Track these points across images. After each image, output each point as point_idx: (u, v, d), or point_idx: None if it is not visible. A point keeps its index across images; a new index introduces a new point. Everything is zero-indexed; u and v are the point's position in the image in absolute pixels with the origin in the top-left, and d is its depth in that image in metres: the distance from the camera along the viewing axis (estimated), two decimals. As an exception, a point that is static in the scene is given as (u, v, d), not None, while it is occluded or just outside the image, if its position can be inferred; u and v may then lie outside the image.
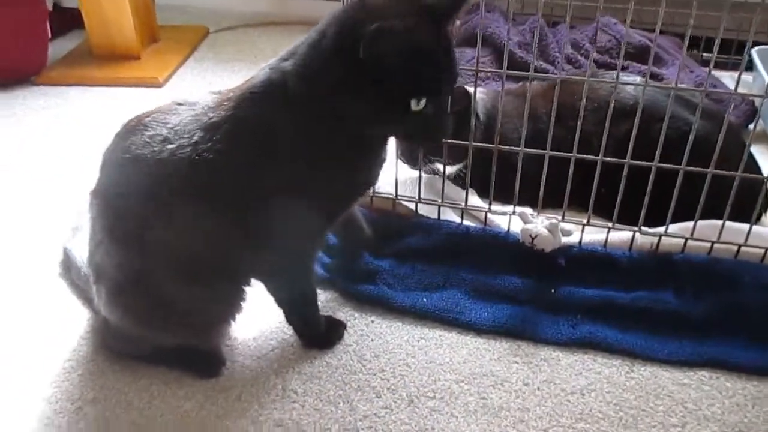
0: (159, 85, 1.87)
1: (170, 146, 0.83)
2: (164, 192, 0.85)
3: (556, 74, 1.53)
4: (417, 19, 0.78)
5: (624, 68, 1.56)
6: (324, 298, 1.14)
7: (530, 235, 1.10)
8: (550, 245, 1.10)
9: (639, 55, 1.61)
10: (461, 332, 1.07)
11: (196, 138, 0.83)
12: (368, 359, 1.02)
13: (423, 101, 0.80)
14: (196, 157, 0.82)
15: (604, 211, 1.17)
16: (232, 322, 1.02)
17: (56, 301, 1.13)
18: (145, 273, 0.90)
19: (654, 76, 1.55)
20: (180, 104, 0.89)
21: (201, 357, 1.00)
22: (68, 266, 1.17)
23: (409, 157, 1.26)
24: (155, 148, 0.84)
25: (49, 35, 2.03)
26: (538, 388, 0.97)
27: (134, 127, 0.88)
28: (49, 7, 2.15)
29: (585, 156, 1.09)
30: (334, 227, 1.01)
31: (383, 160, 0.96)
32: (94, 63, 1.95)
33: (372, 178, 0.97)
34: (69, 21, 2.14)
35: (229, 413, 0.94)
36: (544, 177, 1.11)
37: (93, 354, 1.03)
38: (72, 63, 1.98)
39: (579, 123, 1.07)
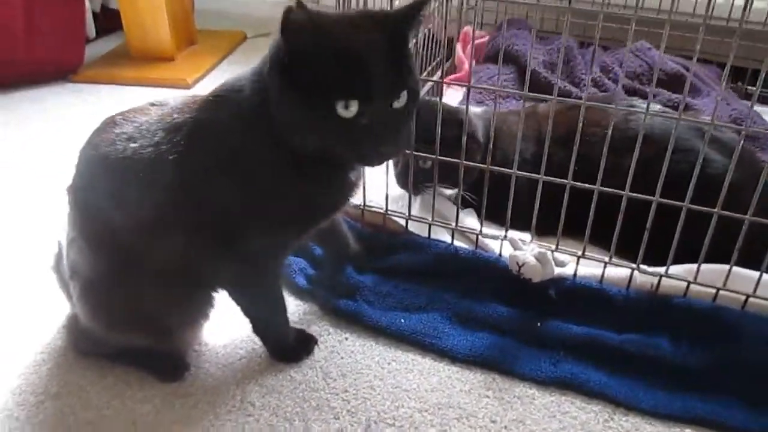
0: (188, 87, 1.91)
1: (133, 145, 0.83)
2: (125, 191, 0.84)
3: (574, 97, 1.49)
4: (347, 18, 0.75)
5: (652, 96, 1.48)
6: (302, 311, 1.11)
7: (517, 263, 1.04)
8: (538, 275, 1.04)
9: (671, 83, 1.52)
10: (435, 359, 1.02)
11: (157, 138, 0.82)
12: (333, 377, 0.99)
13: (353, 108, 0.72)
14: (155, 158, 0.81)
15: (609, 245, 1.10)
16: (200, 328, 1.01)
17: (44, 293, 1.14)
18: (111, 273, 0.90)
19: (686, 107, 1.46)
20: (153, 104, 0.89)
21: (165, 360, 0.99)
22: (59, 260, 1.19)
23: (402, 180, 1.23)
24: (119, 146, 0.84)
25: (93, 34, 2.11)
26: (506, 427, 0.91)
27: (107, 124, 0.89)
28: (97, 8, 2.24)
29: (580, 184, 1.03)
30: (302, 242, 0.97)
31: (351, 184, 0.90)
32: (129, 63, 2.01)
33: (334, 203, 0.90)
34: (115, 22, 2.21)
35: (182, 420, 0.92)
36: (537, 202, 1.06)
37: (65, 349, 1.03)
38: (109, 62, 2.04)
39: (575, 149, 1.01)
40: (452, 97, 1.61)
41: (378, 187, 1.19)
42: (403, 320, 1.06)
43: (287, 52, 0.73)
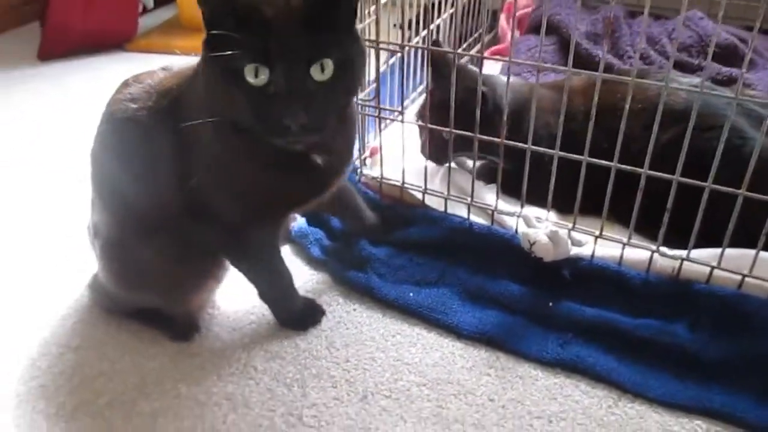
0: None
1: (133, 106, 0.85)
2: (124, 150, 0.87)
3: (616, 71, 1.41)
4: None
5: (699, 69, 1.39)
6: (315, 280, 1.12)
7: (529, 241, 1.01)
8: (550, 255, 1.00)
9: (725, 56, 1.42)
10: (441, 334, 1.01)
11: (150, 102, 0.84)
12: (337, 347, 1.00)
13: (263, 76, 0.68)
14: (146, 120, 0.83)
15: (640, 225, 1.05)
16: (211, 291, 1.04)
17: (77, 252, 1.20)
18: (123, 233, 0.93)
19: (735, 81, 1.36)
20: (163, 68, 0.91)
21: (178, 320, 1.02)
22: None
23: (426, 150, 1.21)
24: (122, 106, 0.86)
25: (151, 5, 2.17)
26: (503, 406, 0.90)
27: (122, 85, 0.91)
28: (156, -22, 2.31)
29: (596, 161, 0.98)
30: (284, 222, 0.96)
31: (318, 168, 0.84)
32: (181, 33, 2.06)
33: (300, 188, 0.86)
34: (172, -8, 2.28)
35: (186, 378, 0.95)
36: (553, 177, 1.02)
37: (89, 306, 1.09)
38: (162, 32, 2.10)
39: (590, 124, 0.97)
40: (492, 69, 1.56)
41: (397, 159, 1.18)
42: (411, 294, 1.05)
43: (203, 16, 0.71)
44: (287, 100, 0.69)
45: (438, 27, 1.48)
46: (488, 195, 1.17)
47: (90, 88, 1.83)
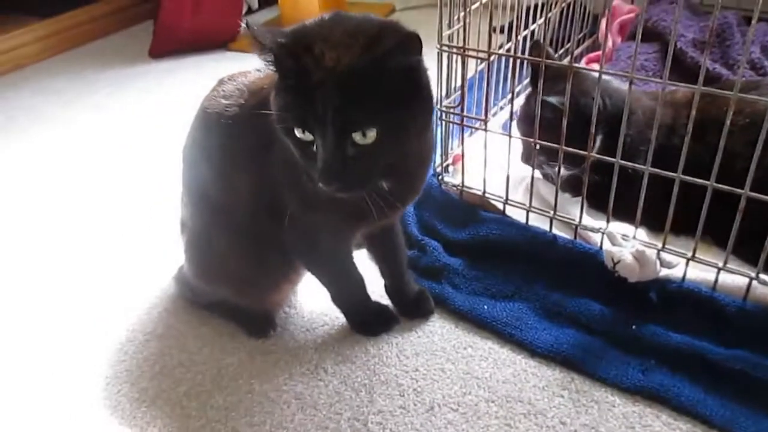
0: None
1: (224, 102, 0.88)
2: (211, 145, 0.90)
3: (724, 81, 1.31)
4: (331, 34, 0.68)
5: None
6: (391, 286, 1.12)
7: (613, 259, 0.96)
8: (634, 275, 0.95)
9: None
10: (514, 350, 0.98)
11: (242, 99, 0.86)
12: (407, 355, 0.99)
13: (308, 134, 0.68)
14: (235, 116, 0.86)
15: (739, 249, 0.97)
16: (286, 291, 1.06)
17: (169, 245, 1.26)
18: (206, 228, 0.97)
19: None
20: (257, 69, 0.93)
21: (255, 317, 1.05)
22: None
23: (525, 157, 1.18)
24: (214, 102, 0.89)
25: (256, 5, 2.25)
26: (575, 431, 0.86)
27: (217, 83, 0.95)
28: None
29: (690, 178, 0.92)
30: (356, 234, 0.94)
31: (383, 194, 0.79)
32: (280, 34, 2.11)
33: (360, 205, 0.78)
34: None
35: (260, 375, 0.98)
36: (642, 194, 0.96)
37: (175, 297, 1.14)
38: (263, 32, 2.17)
39: (687, 138, 0.90)
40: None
41: (480, 167, 1.15)
42: (486, 307, 1.03)
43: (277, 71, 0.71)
44: (325, 166, 0.68)
45: (533, 32, 1.43)
46: (574, 208, 1.12)
47: (192, 86, 1.92)
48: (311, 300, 1.10)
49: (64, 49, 2.31)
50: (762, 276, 0.91)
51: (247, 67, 0.95)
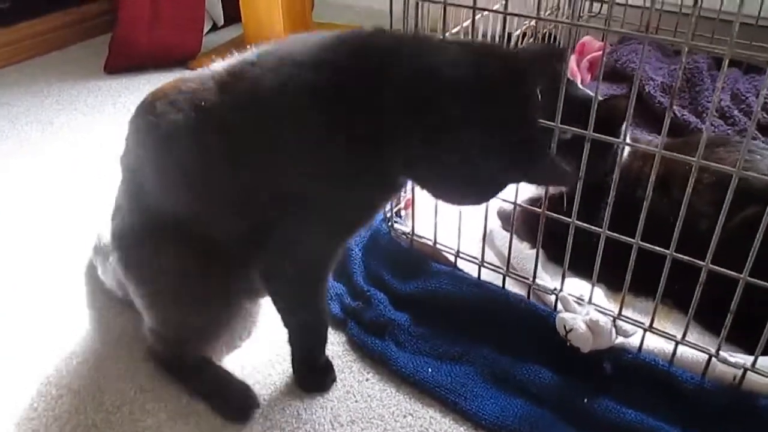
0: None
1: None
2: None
3: (692, 129, 1.26)
4: None
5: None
6: (330, 340, 1.03)
7: (565, 327, 0.89)
8: (588, 345, 0.88)
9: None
10: (457, 420, 0.91)
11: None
12: (341, 423, 0.91)
13: None
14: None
15: (700, 317, 0.92)
16: (233, 337, 0.99)
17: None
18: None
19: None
20: None
21: (232, 395, 0.95)
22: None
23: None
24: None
25: (221, 22, 2.17)
26: None
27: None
28: (229, -3, 2.31)
29: (647, 245, 0.86)
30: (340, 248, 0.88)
31: (398, 185, 0.84)
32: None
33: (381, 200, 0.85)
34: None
35: (179, 441, 0.89)
36: (599, 256, 0.90)
37: (97, 345, 1.05)
38: (224, 52, 2.07)
39: (648, 199, 0.84)
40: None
41: (432, 214, 1.09)
42: (430, 369, 0.95)
43: None
44: None
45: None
46: (530, 261, 1.05)
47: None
48: (242, 353, 1.02)
49: (21, 59, 2.21)
50: (722, 354, 0.85)
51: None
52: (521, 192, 1.06)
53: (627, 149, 1.08)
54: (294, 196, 0.77)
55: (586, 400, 0.89)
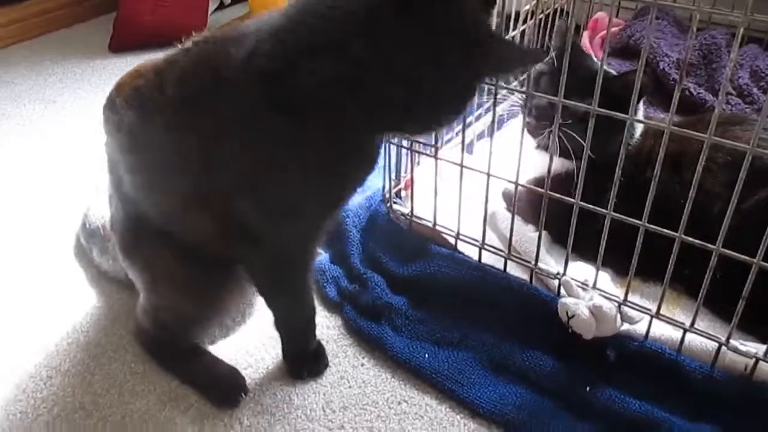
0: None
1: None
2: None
3: (708, 107, 1.21)
4: None
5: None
6: (325, 324, 1.01)
7: (567, 313, 0.85)
8: (590, 332, 0.84)
9: None
10: (454, 408, 0.88)
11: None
12: (334, 409, 0.88)
13: None
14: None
15: (712, 301, 0.87)
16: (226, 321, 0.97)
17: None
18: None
19: None
20: None
21: (221, 380, 0.93)
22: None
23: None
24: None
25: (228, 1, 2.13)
26: None
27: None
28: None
29: (654, 227, 0.81)
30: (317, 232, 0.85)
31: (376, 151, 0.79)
32: (248, 31, 2.00)
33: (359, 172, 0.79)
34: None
35: (166, 426, 0.87)
36: (604, 237, 0.86)
37: (91, 326, 1.03)
38: (229, 29, 2.05)
39: (655, 179, 0.79)
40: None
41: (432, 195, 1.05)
42: (427, 355, 0.92)
43: None
44: None
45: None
46: (534, 243, 1.01)
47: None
48: (235, 337, 0.99)
49: (26, 37, 2.19)
50: (732, 342, 0.81)
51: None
52: (526, 171, 1.03)
53: (639, 128, 1.03)
54: (252, 184, 0.75)
55: (588, 389, 0.85)
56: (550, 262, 0.98)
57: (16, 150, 1.55)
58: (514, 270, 1.00)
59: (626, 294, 0.87)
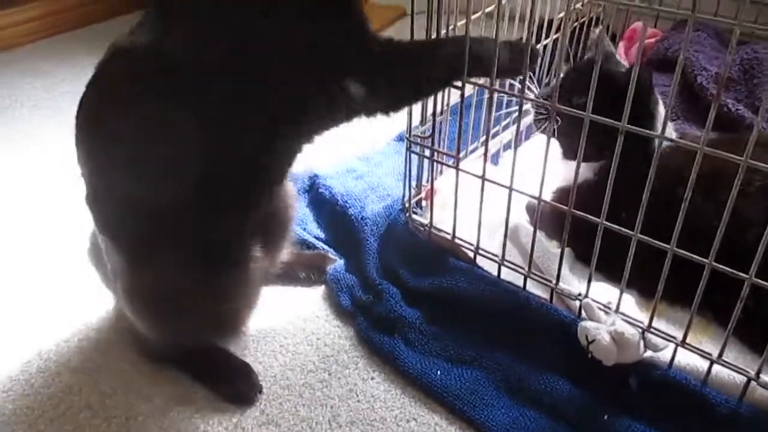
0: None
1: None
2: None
3: (747, 125, 1.15)
4: None
5: None
6: (338, 334, 0.99)
7: (587, 338, 0.81)
8: (611, 358, 0.80)
9: None
10: (463, 429, 0.85)
11: None
12: (340, 423, 0.86)
13: None
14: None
15: (742, 330, 0.82)
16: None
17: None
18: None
19: None
20: None
21: (233, 377, 0.92)
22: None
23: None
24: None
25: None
26: None
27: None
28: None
29: (682, 252, 0.77)
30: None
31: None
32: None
33: None
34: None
35: (171, 427, 0.85)
36: (629, 259, 0.81)
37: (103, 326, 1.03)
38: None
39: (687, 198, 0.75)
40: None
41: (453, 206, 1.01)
42: (439, 372, 0.89)
43: None
44: None
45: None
46: (556, 261, 0.97)
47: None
48: (244, 340, 0.98)
49: (61, 30, 2.22)
50: (763, 377, 0.76)
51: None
52: (552, 181, 0.99)
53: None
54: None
55: (606, 417, 0.81)
56: (572, 282, 0.94)
57: (47, 137, 1.57)
58: (534, 288, 0.96)
59: (650, 320, 0.83)
